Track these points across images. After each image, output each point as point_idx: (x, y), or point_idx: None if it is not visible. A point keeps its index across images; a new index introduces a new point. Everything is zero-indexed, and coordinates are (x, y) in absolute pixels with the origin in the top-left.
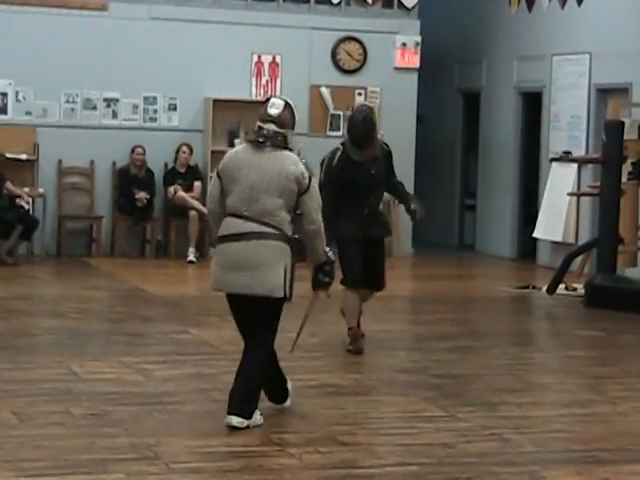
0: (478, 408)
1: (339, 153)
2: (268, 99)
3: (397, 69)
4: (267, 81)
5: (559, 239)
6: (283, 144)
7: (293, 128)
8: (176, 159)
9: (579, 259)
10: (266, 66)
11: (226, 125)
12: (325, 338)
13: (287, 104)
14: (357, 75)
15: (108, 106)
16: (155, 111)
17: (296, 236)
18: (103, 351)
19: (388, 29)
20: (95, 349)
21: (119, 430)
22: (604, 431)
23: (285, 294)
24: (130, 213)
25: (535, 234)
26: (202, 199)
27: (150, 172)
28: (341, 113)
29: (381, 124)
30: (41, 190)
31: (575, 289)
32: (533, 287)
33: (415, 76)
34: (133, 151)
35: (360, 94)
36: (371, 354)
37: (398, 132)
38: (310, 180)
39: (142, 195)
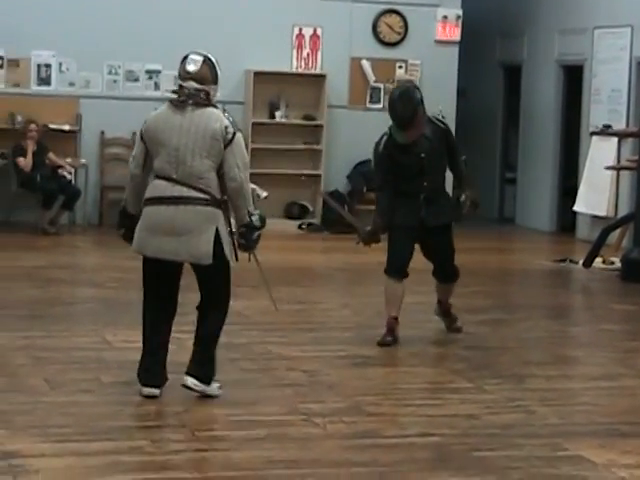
0: (505, 380)
1: (385, 138)
2: (186, 56)
3: (438, 42)
4: (308, 54)
5: (600, 213)
6: (205, 101)
7: (216, 83)
8: None
9: (617, 233)
10: (307, 38)
11: (266, 97)
12: (356, 309)
13: (206, 59)
14: (398, 48)
15: (150, 78)
16: None
17: (225, 198)
18: (136, 320)
19: (429, 2)
20: (129, 318)
21: (147, 398)
22: (630, 405)
23: (223, 258)
24: None
25: (576, 207)
26: None
27: None
28: (381, 86)
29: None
30: (83, 161)
31: (612, 263)
32: (570, 261)
33: (456, 49)
34: None
35: (401, 67)
36: (402, 326)
37: (438, 105)
38: (234, 135)
39: None
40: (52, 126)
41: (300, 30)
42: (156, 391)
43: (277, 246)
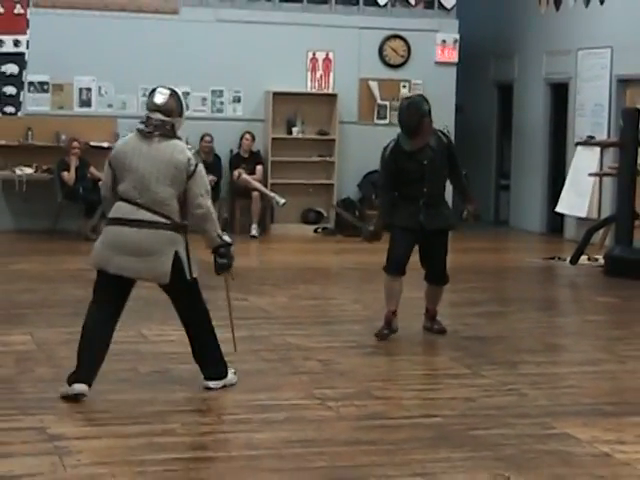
0: (500, 366)
1: (392, 144)
2: (154, 89)
3: (438, 64)
4: (321, 75)
5: (583, 215)
6: (171, 133)
7: (181, 116)
8: (240, 145)
9: (600, 233)
10: (320, 62)
11: (284, 115)
12: (366, 304)
13: (172, 93)
14: (401, 69)
15: None
16: (221, 103)
17: (185, 222)
18: (169, 316)
19: (429, 27)
20: (162, 315)
21: (178, 386)
22: (611, 387)
23: (183, 278)
24: None
25: (557, 209)
26: (263, 181)
27: (217, 157)
28: (387, 103)
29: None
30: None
31: (596, 260)
32: (558, 258)
33: (454, 70)
34: (202, 139)
35: (404, 86)
36: (407, 318)
37: (438, 121)
38: (196, 166)
39: (210, 178)
40: (93, 143)
41: (314, 54)
42: (85, 388)
43: (295, 248)
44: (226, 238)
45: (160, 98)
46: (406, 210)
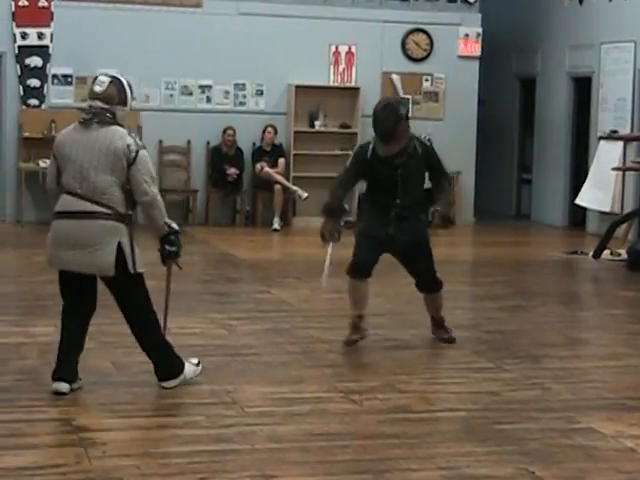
0: (523, 360)
1: (370, 146)
2: (96, 77)
3: (460, 57)
4: (343, 69)
5: (606, 209)
6: (110, 120)
7: (124, 104)
8: (262, 139)
9: (623, 227)
10: (342, 55)
11: (307, 108)
12: (388, 298)
13: (113, 80)
14: (424, 63)
15: (203, 92)
16: (244, 96)
17: (129, 212)
18: (192, 308)
19: (452, 21)
20: (185, 306)
21: (202, 378)
22: (635, 381)
23: (127, 269)
24: (222, 187)
25: (577, 201)
26: (285, 174)
27: (240, 150)
28: (410, 97)
29: (444, 108)
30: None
31: (619, 254)
32: (581, 252)
33: (476, 64)
34: (225, 132)
35: (427, 80)
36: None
37: (461, 115)
38: (137, 152)
39: (232, 171)
40: None
41: (336, 48)
42: (66, 386)
43: (317, 241)
44: (174, 225)
45: (98, 86)
46: (376, 219)
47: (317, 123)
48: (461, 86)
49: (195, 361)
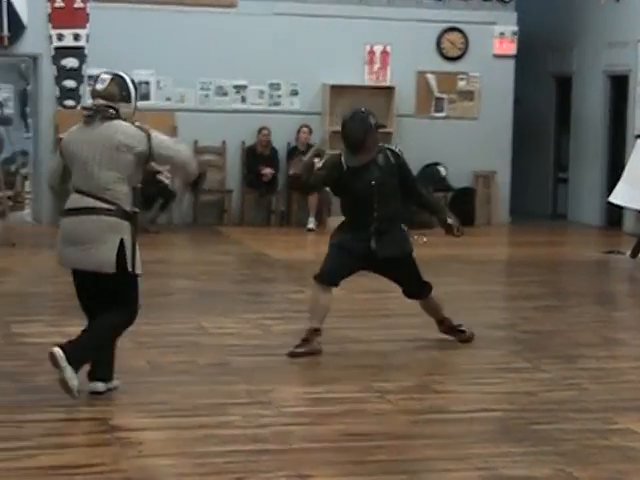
0: (559, 360)
1: (343, 159)
2: (98, 76)
3: (495, 56)
4: (378, 68)
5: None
6: (113, 115)
7: (127, 101)
8: (297, 138)
9: None
10: (377, 55)
11: (341, 108)
12: None
13: (115, 77)
14: (459, 62)
15: (237, 92)
16: (279, 96)
17: (135, 210)
18: (228, 308)
19: (487, 20)
20: (221, 307)
21: (237, 378)
22: None
23: (126, 270)
24: (257, 187)
25: (610, 199)
26: None
27: (274, 150)
28: (445, 97)
29: (479, 107)
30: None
31: None
32: (617, 252)
33: (512, 62)
34: (259, 132)
35: (462, 79)
36: (465, 312)
37: (496, 114)
38: (149, 136)
39: (267, 171)
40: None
41: (371, 47)
42: (100, 385)
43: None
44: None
45: (100, 84)
46: (354, 236)
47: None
48: (496, 85)
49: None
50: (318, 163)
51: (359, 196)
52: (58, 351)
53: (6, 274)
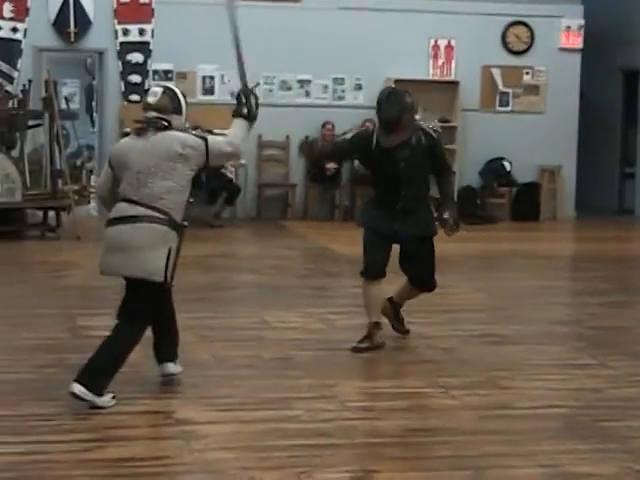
0: (626, 357)
1: (374, 136)
2: (148, 89)
3: (562, 50)
4: (443, 62)
5: None
6: (165, 127)
7: (178, 113)
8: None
9: None
10: (442, 49)
11: None
12: (489, 293)
13: (166, 90)
14: (525, 56)
15: (301, 87)
16: (343, 90)
17: (185, 223)
18: (292, 303)
19: (554, 13)
20: (285, 301)
21: (301, 372)
22: None
23: (165, 278)
24: (320, 181)
25: None
26: None
27: None
28: (510, 91)
29: (545, 101)
30: (243, 161)
31: None
32: None
33: (578, 56)
34: (323, 126)
35: (527, 73)
36: (531, 308)
37: (562, 108)
38: (206, 142)
39: (331, 165)
40: (215, 131)
41: (436, 42)
42: (171, 366)
43: None
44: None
45: (152, 97)
46: (380, 213)
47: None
48: (562, 79)
49: (112, 394)
50: (349, 135)
51: (387, 175)
52: (79, 388)
53: (71, 267)
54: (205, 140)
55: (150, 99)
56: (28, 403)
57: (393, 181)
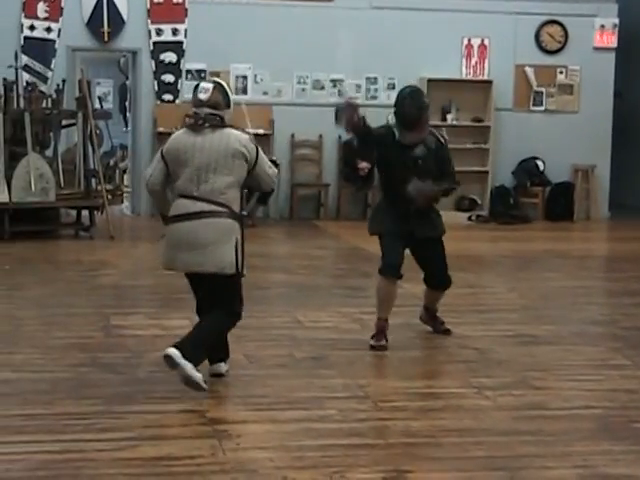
0: None
1: (394, 129)
2: (198, 85)
3: (596, 49)
4: (476, 62)
5: None
6: (221, 124)
7: (228, 107)
8: None
9: None
10: (475, 48)
11: (439, 102)
12: (522, 293)
13: (217, 85)
14: (558, 55)
15: (334, 86)
16: (376, 90)
17: (244, 212)
18: (325, 302)
19: (588, 12)
20: (318, 301)
21: (334, 372)
22: None
23: (238, 270)
24: (353, 181)
25: None
26: None
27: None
28: (543, 90)
29: (578, 101)
30: (276, 161)
31: None
32: None
33: (612, 55)
34: None
35: (561, 72)
36: (564, 308)
37: (596, 107)
38: (257, 152)
39: (364, 165)
40: (249, 130)
41: (469, 41)
42: (223, 366)
43: (449, 236)
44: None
45: (204, 94)
46: (394, 215)
47: (449, 116)
48: (596, 78)
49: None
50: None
51: (402, 172)
52: (173, 351)
53: (105, 267)
54: (257, 147)
55: (202, 95)
56: (62, 402)
57: (407, 179)
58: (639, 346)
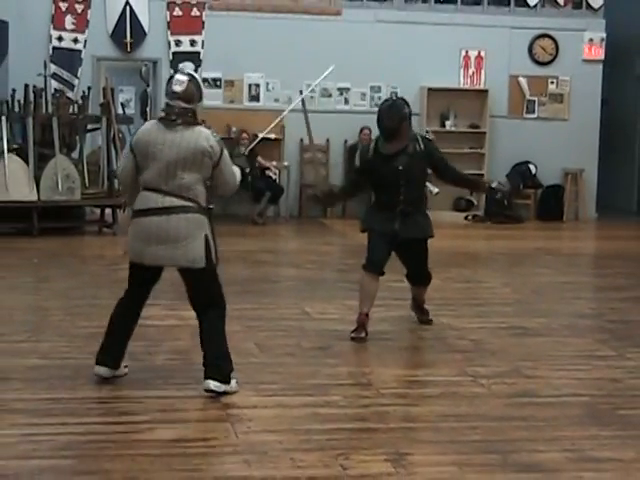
0: None
1: (373, 145)
2: (172, 76)
3: (584, 61)
4: (473, 72)
5: None
6: (193, 120)
7: (201, 100)
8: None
9: None
10: (472, 59)
11: (438, 109)
12: (516, 288)
13: (191, 78)
14: (550, 66)
15: (341, 94)
16: (379, 98)
17: (210, 206)
18: (331, 295)
19: (577, 27)
20: (324, 294)
21: (340, 361)
22: None
23: (211, 261)
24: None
25: None
26: None
27: None
28: (536, 99)
29: (568, 109)
30: (286, 163)
31: None
32: None
33: (600, 67)
34: (361, 131)
35: (552, 83)
36: (555, 302)
37: (585, 114)
38: (221, 153)
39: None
40: (261, 135)
41: (466, 52)
42: (105, 370)
43: (447, 234)
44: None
45: (178, 86)
46: (382, 216)
47: (448, 123)
48: (585, 88)
49: (236, 379)
50: (357, 161)
51: (386, 180)
52: (211, 383)
53: (126, 261)
54: (221, 148)
55: (177, 87)
56: (85, 387)
57: (392, 186)
58: (625, 338)
